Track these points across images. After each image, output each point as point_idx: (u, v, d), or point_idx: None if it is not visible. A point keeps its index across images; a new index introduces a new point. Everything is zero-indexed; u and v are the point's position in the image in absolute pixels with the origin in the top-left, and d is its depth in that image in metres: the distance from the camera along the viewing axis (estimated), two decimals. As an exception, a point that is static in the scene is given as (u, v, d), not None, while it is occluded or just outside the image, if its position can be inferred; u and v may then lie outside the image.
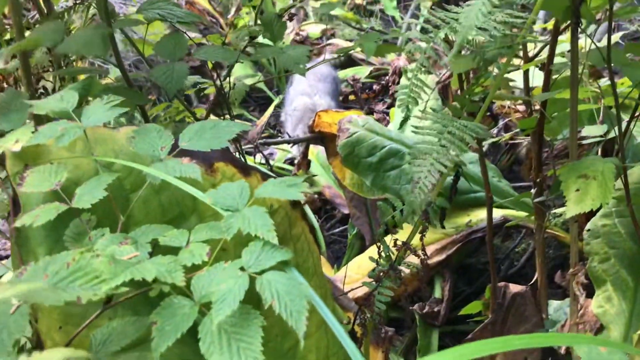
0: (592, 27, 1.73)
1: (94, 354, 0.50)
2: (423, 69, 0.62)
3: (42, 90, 0.94)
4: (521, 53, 1.26)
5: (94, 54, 0.77)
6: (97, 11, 0.86)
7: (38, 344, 0.60)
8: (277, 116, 3.08)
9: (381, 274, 0.88)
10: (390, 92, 3.05)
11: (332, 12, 3.61)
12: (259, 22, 1.04)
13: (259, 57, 0.98)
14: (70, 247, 0.56)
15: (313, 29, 3.27)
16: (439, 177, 0.70)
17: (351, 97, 3.05)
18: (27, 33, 0.93)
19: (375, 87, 3.13)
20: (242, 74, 2.80)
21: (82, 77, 0.94)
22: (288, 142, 2.14)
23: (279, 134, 2.96)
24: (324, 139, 2.11)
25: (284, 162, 2.64)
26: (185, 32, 1.02)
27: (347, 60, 3.26)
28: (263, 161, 2.35)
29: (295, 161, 2.50)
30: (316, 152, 2.42)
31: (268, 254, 0.49)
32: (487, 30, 0.65)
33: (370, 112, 2.90)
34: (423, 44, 0.65)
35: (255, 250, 0.50)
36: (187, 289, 0.50)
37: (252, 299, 0.47)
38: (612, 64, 1.07)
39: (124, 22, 0.93)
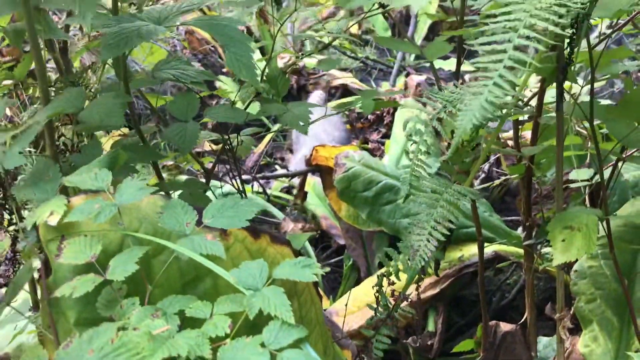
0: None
1: None
2: (423, 151, 0.69)
3: (62, 147, 1.00)
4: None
5: (114, 123, 0.83)
6: (116, 75, 0.92)
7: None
8: (274, 146, 3.13)
9: (379, 322, 0.94)
10: (385, 122, 3.13)
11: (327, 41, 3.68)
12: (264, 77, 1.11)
13: (264, 113, 1.05)
14: (102, 314, 0.62)
15: (309, 59, 3.35)
16: (437, 245, 0.76)
17: (347, 126, 3.12)
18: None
19: (370, 117, 3.20)
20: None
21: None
22: (286, 176, 2.20)
23: (276, 164, 3.02)
24: (321, 172, 2.18)
25: (280, 191, 2.69)
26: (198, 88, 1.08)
27: (342, 90, 3.34)
28: (260, 190, 2.41)
29: (294, 192, 2.56)
30: (312, 182, 2.47)
31: (286, 332, 0.55)
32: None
33: (365, 142, 2.97)
34: (422, 128, 0.71)
35: (274, 329, 0.56)
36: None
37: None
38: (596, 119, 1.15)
39: (140, 82, 0.99)
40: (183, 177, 1.46)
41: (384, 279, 0.95)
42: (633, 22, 1.48)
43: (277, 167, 3.01)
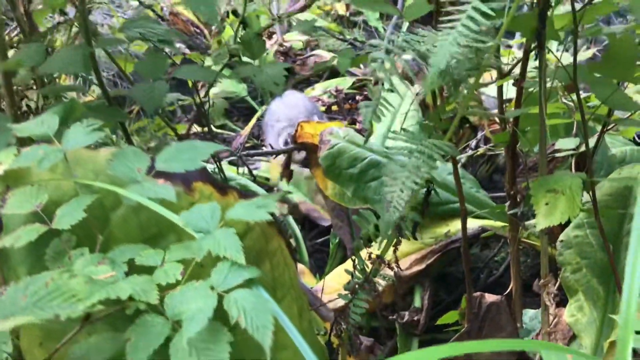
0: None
1: (72, 370, 0.52)
2: (386, 87, 0.66)
3: (25, 109, 0.96)
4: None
5: (76, 72, 0.79)
6: (79, 31, 0.88)
7: (19, 360, 0.62)
8: (260, 127, 3.10)
9: (356, 286, 0.91)
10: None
11: (316, 24, 3.64)
12: (239, 40, 1.07)
13: (237, 76, 1.01)
14: (50, 267, 0.58)
15: (297, 40, 3.31)
16: (411, 195, 0.73)
17: (334, 107, 3.09)
18: (10, 52, 0.95)
19: (358, 98, 3.17)
20: (227, 86, 2.83)
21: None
22: (270, 154, 2.17)
23: (263, 145, 2.98)
24: (306, 149, 2.15)
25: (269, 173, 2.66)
26: (168, 48, 1.04)
27: (330, 72, 3.30)
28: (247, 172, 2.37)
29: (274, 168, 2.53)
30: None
31: (236, 273, 0.52)
32: (454, 58, 0.68)
33: (352, 123, 2.94)
34: (387, 65, 0.68)
35: (224, 270, 0.52)
36: (161, 306, 0.52)
37: (224, 316, 0.50)
38: (582, 81, 1.12)
39: (105, 42, 0.95)
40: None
41: (361, 242, 0.92)
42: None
43: (263, 148, 2.97)
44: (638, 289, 0.77)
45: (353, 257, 0.94)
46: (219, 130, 3.04)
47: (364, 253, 1.01)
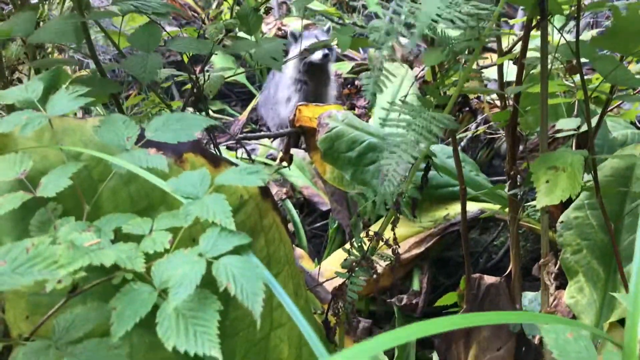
0: (572, 22, 1.76)
1: (56, 341, 0.50)
2: (386, 56, 0.63)
3: (16, 82, 0.94)
4: (496, 47, 1.28)
5: (67, 42, 0.76)
6: (72, 1, 0.86)
7: (5, 334, 0.60)
8: (258, 110, 3.07)
9: (353, 264, 0.89)
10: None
11: (315, 7, 3.61)
12: (235, 15, 1.05)
13: (234, 50, 0.99)
14: (35, 236, 0.56)
15: (295, 24, 3.27)
16: (407, 168, 0.71)
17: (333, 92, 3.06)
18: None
19: (357, 82, 3.14)
20: (222, 63, 2.80)
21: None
22: (269, 137, 2.14)
23: (261, 129, 2.96)
24: (305, 133, 2.12)
25: (266, 158, 2.64)
26: (161, 24, 1.02)
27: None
28: (245, 156, 2.35)
29: (278, 156, 2.51)
30: (292, 154, 2.44)
31: (225, 239, 0.50)
32: (451, 21, 0.66)
33: (352, 108, 2.91)
34: (385, 27, 0.66)
35: (212, 236, 0.51)
36: (148, 275, 0.50)
37: (214, 284, 0.48)
38: (583, 58, 1.09)
39: (98, 14, 0.93)
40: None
41: (359, 218, 0.90)
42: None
43: (262, 133, 2.95)
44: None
45: (350, 235, 0.92)
46: (218, 115, 3.02)
47: (362, 233, 0.99)
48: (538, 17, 0.98)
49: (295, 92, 2.68)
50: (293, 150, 2.32)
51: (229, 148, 2.49)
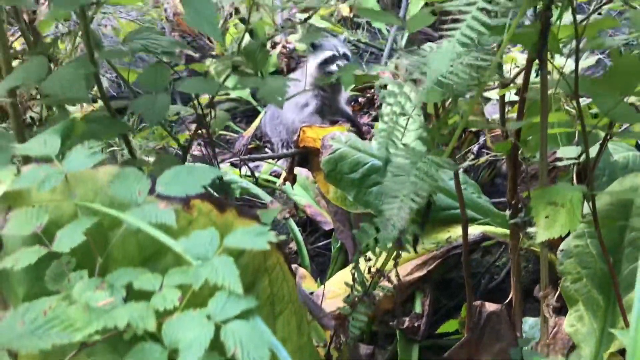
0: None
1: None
2: (397, 113, 0.66)
3: (29, 121, 0.96)
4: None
5: (76, 95, 0.79)
6: (84, 44, 0.88)
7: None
8: (263, 128, 3.10)
9: (356, 299, 0.91)
10: (376, 105, 3.09)
11: (319, 25, 3.64)
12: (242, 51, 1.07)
13: (240, 87, 1.01)
14: (50, 288, 0.59)
15: (299, 43, 3.30)
16: (409, 213, 0.73)
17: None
18: (14, 62, 0.96)
19: (360, 99, 3.16)
20: (232, 91, 2.83)
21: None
22: (272, 158, 2.17)
23: (265, 146, 2.99)
24: (308, 154, 2.15)
25: (270, 174, 2.67)
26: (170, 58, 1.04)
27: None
28: (249, 173, 2.37)
29: (282, 176, 2.53)
30: (296, 173, 2.47)
31: (233, 303, 0.52)
32: (455, 74, 0.68)
33: (355, 125, 2.94)
34: (395, 89, 0.68)
35: (221, 300, 0.53)
36: (158, 333, 0.52)
37: (221, 346, 0.50)
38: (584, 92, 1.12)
39: (108, 53, 0.95)
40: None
41: (361, 255, 0.92)
42: (623, -3, 1.45)
43: (266, 150, 2.98)
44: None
45: (352, 271, 0.94)
46: (222, 132, 3.04)
47: (363, 265, 1.01)
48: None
49: (313, 97, 2.74)
50: (297, 169, 2.34)
51: (233, 165, 2.51)
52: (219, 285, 0.52)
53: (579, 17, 1.12)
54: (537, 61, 1.13)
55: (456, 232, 1.87)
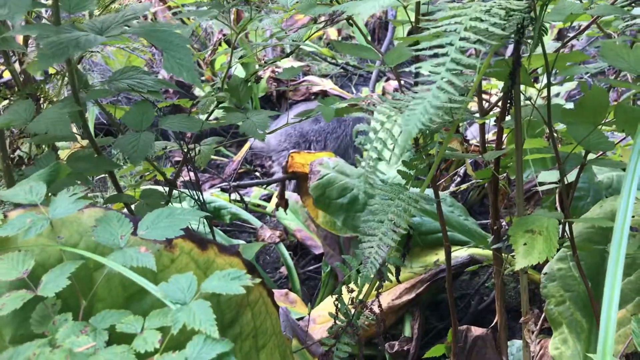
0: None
1: None
2: (374, 158, 0.68)
3: (17, 159, 0.99)
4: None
5: (61, 134, 0.82)
6: (70, 85, 0.91)
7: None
8: (253, 153, 3.12)
9: (339, 330, 0.93)
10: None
11: (308, 49, 3.70)
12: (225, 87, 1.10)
13: (225, 123, 1.04)
14: (35, 331, 0.61)
15: (288, 65, 3.35)
16: (388, 249, 0.76)
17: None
18: (3, 102, 0.98)
19: (349, 123, 3.20)
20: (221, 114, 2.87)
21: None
22: (262, 184, 2.19)
23: (256, 170, 3.01)
24: (297, 179, 2.18)
25: (260, 199, 2.69)
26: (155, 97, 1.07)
27: (322, 97, 3.34)
28: (239, 198, 2.39)
29: (273, 200, 2.55)
30: (286, 197, 2.49)
31: (209, 347, 0.54)
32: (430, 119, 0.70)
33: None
34: (372, 135, 0.71)
35: (198, 344, 0.55)
36: (139, 376, 0.54)
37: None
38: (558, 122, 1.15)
39: (95, 93, 0.98)
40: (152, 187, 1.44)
41: (344, 286, 0.94)
42: (598, 25, 1.49)
43: (257, 174, 3.00)
44: (614, 325, 0.79)
45: (335, 302, 0.96)
46: (212, 157, 3.06)
47: (347, 295, 1.03)
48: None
49: None
50: (287, 194, 2.37)
51: (223, 190, 2.53)
52: (196, 329, 0.55)
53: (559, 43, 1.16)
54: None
55: (444, 255, 1.89)
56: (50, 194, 0.68)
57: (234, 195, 2.39)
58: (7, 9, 0.68)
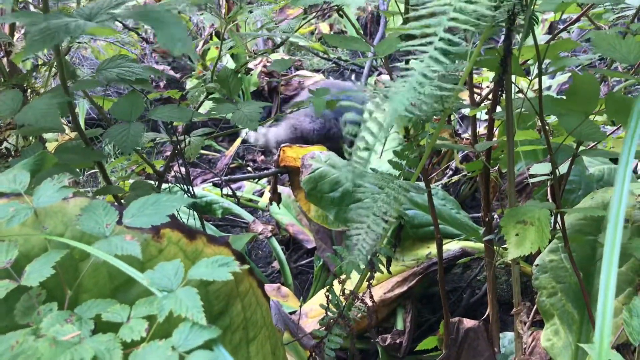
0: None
1: None
2: (362, 147, 0.68)
3: (4, 152, 0.97)
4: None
5: (50, 125, 0.81)
6: (59, 75, 0.90)
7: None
8: (245, 147, 3.12)
9: (331, 321, 0.92)
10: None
11: (300, 43, 3.69)
12: (215, 78, 1.09)
13: (215, 114, 1.03)
14: (19, 321, 0.60)
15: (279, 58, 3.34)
16: (376, 238, 0.75)
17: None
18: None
19: (342, 117, 3.19)
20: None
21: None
22: (254, 178, 2.19)
23: (248, 165, 3.00)
24: (289, 173, 2.17)
25: (253, 194, 2.68)
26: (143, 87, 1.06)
27: (314, 91, 3.33)
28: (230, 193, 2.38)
29: (266, 195, 2.54)
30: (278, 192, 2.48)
31: (197, 333, 0.54)
32: (418, 107, 0.70)
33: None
34: (361, 124, 0.70)
35: (185, 330, 0.54)
36: (125, 365, 0.54)
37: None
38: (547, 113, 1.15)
39: (83, 84, 0.97)
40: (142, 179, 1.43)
41: (335, 278, 0.93)
42: (589, 18, 1.49)
43: (249, 169, 2.99)
44: (611, 317, 0.79)
45: (326, 293, 0.96)
46: (204, 152, 3.05)
47: (338, 287, 1.03)
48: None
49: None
50: (279, 188, 2.36)
51: (215, 185, 2.52)
52: (182, 316, 0.54)
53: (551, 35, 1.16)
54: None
55: (436, 247, 1.89)
56: (35, 185, 0.67)
57: (225, 190, 2.38)
58: (-4, -5, 0.67)
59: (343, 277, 0.95)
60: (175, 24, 0.75)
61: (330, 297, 0.94)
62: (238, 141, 3.01)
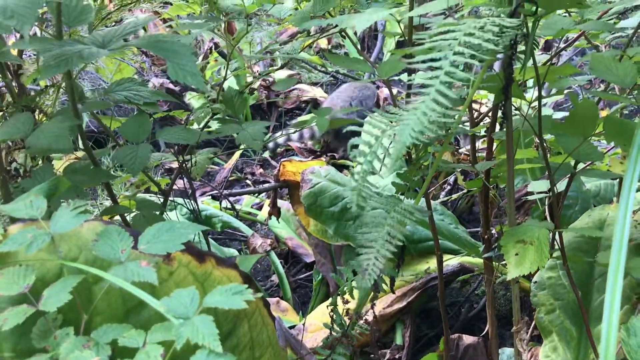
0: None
1: None
2: (367, 171, 0.70)
3: (13, 172, 0.99)
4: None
5: (61, 148, 0.82)
6: (68, 97, 0.91)
7: None
8: (244, 161, 3.13)
9: (335, 341, 0.94)
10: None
11: (298, 56, 3.71)
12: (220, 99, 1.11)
13: (220, 134, 1.05)
14: (36, 345, 0.61)
15: (279, 74, 3.36)
16: (385, 262, 0.77)
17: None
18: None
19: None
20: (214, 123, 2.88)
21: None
22: (253, 192, 2.20)
23: (246, 178, 3.02)
24: (289, 187, 2.19)
25: (252, 207, 2.69)
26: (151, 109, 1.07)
27: (313, 104, 3.36)
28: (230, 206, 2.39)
29: (265, 208, 2.55)
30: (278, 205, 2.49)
31: (213, 361, 0.55)
32: (422, 133, 0.72)
33: (342, 157, 2.98)
34: (366, 149, 0.72)
35: (202, 358, 0.56)
36: (142, 390, 0.55)
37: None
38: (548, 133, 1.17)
39: (92, 105, 0.99)
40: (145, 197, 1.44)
41: (339, 297, 0.95)
42: (586, 37, 1.52)
43: (247, 182, 3.01)
44: (615, 336, 0.81)
45: (331, 313, 0.97)
46: (203, 165, 3.06)
47: (341, 306, 1.04)
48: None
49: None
50: (278, 202, 2.37)
51: (214, 198, 2.54)
52: (199, 344, 0.55)
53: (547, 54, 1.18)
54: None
55: (435, 263, 1.90)
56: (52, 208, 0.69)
57: (224, 203, 2.39)
58: (15, 20, 0.68)
59: (347, 297, 0.97)
60: (187, 56, 0.77)
61: (334, 316, 0.96)
62: (237, 154, 3.02)
